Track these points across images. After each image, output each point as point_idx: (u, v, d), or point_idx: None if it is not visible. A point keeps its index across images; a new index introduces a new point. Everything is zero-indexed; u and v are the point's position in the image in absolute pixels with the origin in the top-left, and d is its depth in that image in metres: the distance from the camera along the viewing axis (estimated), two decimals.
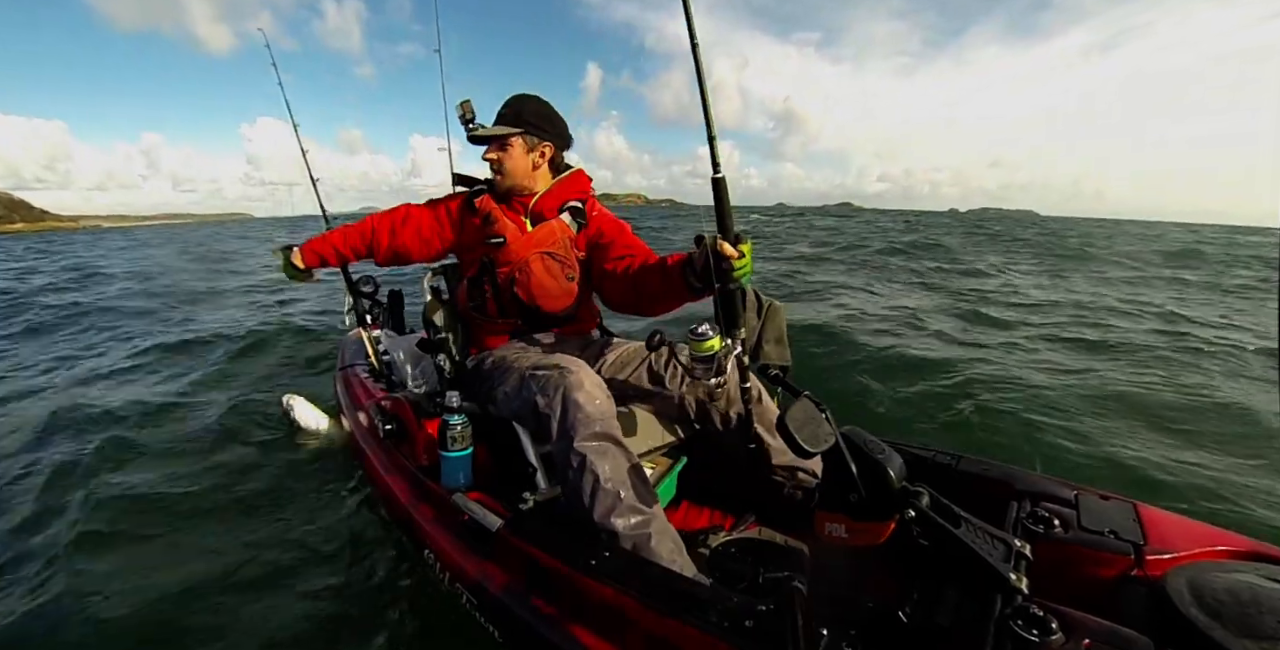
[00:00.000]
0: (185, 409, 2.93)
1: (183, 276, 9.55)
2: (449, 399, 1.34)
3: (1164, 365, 3.73)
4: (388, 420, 1.65)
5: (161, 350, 4.24)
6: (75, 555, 1.67)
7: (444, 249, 1.57)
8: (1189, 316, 5.50)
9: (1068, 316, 5.39)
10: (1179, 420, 2.78)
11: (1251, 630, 0.71)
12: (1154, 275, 9.17)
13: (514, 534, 1.16)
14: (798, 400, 0.96)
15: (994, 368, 3.48)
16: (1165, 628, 0.77)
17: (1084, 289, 7.41)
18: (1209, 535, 1.03)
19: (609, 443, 1.15)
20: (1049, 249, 13.16)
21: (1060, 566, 0.99)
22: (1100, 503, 1.14)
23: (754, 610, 0.85)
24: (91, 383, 3.51)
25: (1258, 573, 0.84)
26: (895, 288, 7.16)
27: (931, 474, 1.33)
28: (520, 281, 1.45)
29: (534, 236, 1.47)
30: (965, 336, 4.46)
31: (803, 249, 12.42)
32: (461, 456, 1.36)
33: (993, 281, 7.91)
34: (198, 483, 2.13)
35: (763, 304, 1.42)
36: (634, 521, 1.10)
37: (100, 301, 6.74)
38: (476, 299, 1.51)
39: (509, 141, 1.43)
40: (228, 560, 1.67)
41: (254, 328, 4.71)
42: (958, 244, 13.11)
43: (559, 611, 1.04)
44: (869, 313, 5.19)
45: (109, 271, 10.35)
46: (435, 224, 1.54)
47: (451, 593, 1.28)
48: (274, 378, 3.55)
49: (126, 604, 1.46)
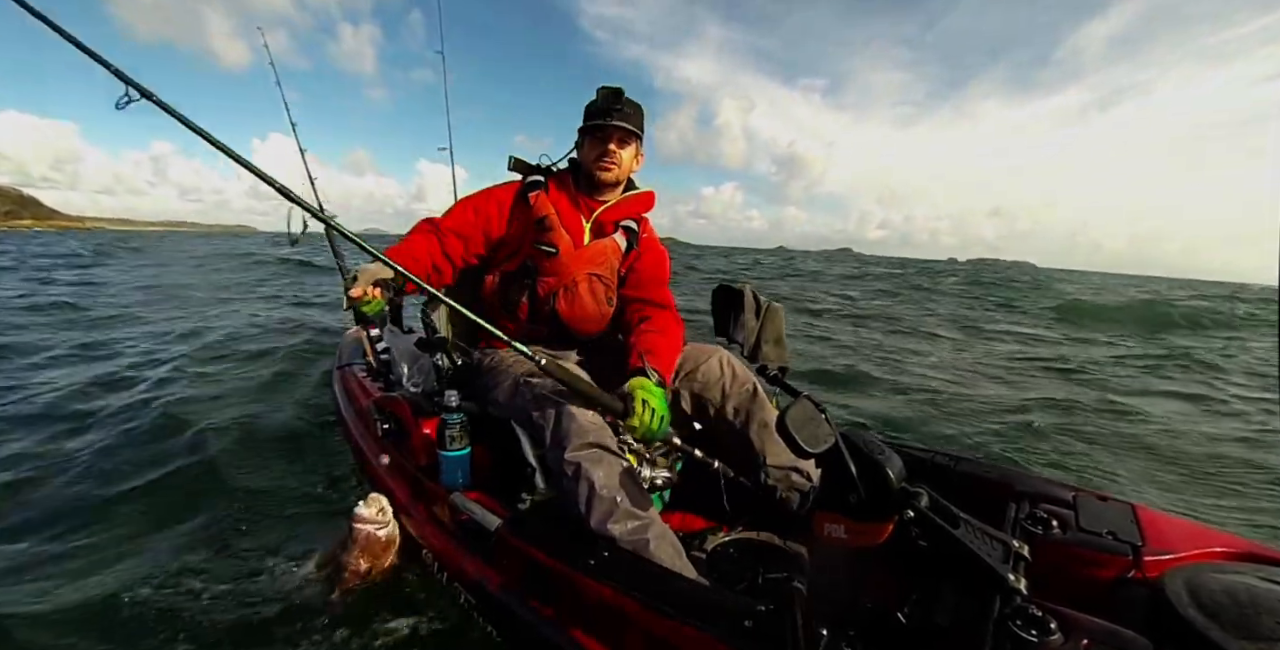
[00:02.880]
0: (185, 406, 2.92)
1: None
2: (447, 398, 1.33)
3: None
4: (386, 419, 1.64)
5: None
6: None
7: (485, 248, 1.44)
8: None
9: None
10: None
11: (1249, 631, 0.72)
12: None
13: (513, 533, 1.16)
14: (797, 401, 0.96)
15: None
16: (1163, 628, 0.78)
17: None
18: (1207, 536, 1.03)
19: (602, 451, 1.15)
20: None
21: (1059, 567, 0.99)
22: (1098, 504, 1.14)
23: (753, 610, 0.85)
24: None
25: (1255, 574, 0.85)
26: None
27: (931, 475, 1.33)
28: (564, 301, 1.40)
29: (587, 253, 1.41)
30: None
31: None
32: (460, 456, 1.35)
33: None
34: (197, 480, 2.13)
35: (761, 305, 1.42)
36: (631, 527, 1.09)
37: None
38: (509, 299, 1.43)
39: (632, 140, 1.38)
40: (224, 558, 1.66)
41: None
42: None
43: (558, 611, 1.04)
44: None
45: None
46: (482, 220, 1.41)
47: (450, 592, 1.28)
48: (273, 377, 3.54)
49: (116, 597, 1.46)
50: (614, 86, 1.33)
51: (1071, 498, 1.16)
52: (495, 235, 1.43)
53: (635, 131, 1.37)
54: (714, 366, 1.39)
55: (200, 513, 1.93)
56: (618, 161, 1.37)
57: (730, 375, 1.39)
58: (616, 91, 1.33)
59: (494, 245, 1.45)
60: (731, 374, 1.39)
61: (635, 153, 1.42)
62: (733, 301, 1.42)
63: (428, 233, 1.38)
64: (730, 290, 1.44)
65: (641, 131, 1.39)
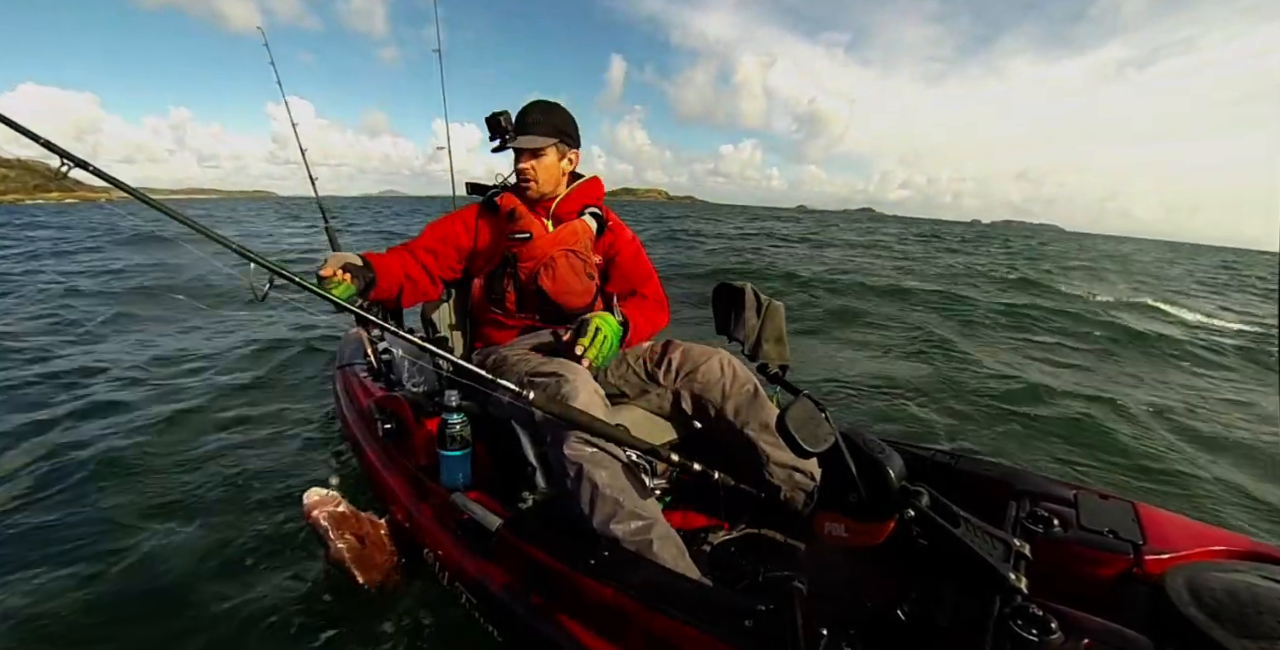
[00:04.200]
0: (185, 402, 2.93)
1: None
2: (448, 398, 1.33)
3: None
4: (386, 419, 1.64)
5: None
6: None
7: (459, 260, 1.54)
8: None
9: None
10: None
11: (1250, 630, 0.72)
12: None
13: (514, 533, 1.16)
14: (797, 399, 0.96)
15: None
16: (1164, 627, 0.77)
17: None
18: (1208, 535, 1.03)
19: (606, 451, 1.15)
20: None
21: (1059, 566, 0.99)
22: (1099, 502, 1.14)
23: (754, 610, 0.85)
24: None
25: (1256, 572, 0.84)
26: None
27: (931, 474, 1.33)
28: (545, 276, 1.47)
29: (559, 234, 1.50)
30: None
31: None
32: (461, 456, 1.35)
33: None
34: (195, 478, 2.13)
35: (762, 303, 1.42)
36: (635, 527, 1.09)
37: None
38: (495, 293, 1.51)
39: (544, 150, 1.44)
40: (224, 556, 1.66)
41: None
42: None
43: (558, 611, 1.04)
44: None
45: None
46: (452, 235, 1.52)
47: (451, 592, 1.28)
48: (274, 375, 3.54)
49: (121, 593, 1.47)
50: (502, 112, 1.40)
51: (1072, 496, 1.16)
52: (466, 246, 1.54)
53: (542, 145, 1.42)
54: (714, 367, 1.39)
55: (197, 508, 1.93)
56: (533, 177, 1.45)
57: (730, 376, 1.39)
58: (505, 114, 1.40)
59: (468, 256, 1.55)
60: (732, 375, 1.39)
61: (558, 156, 1.47)
62: (733, 300, 1.42)
63: (399, 250, 1.50)
64: (731, 288, 1.44)
65: (557, 132, 1.44)
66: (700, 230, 20.54)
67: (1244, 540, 1.01)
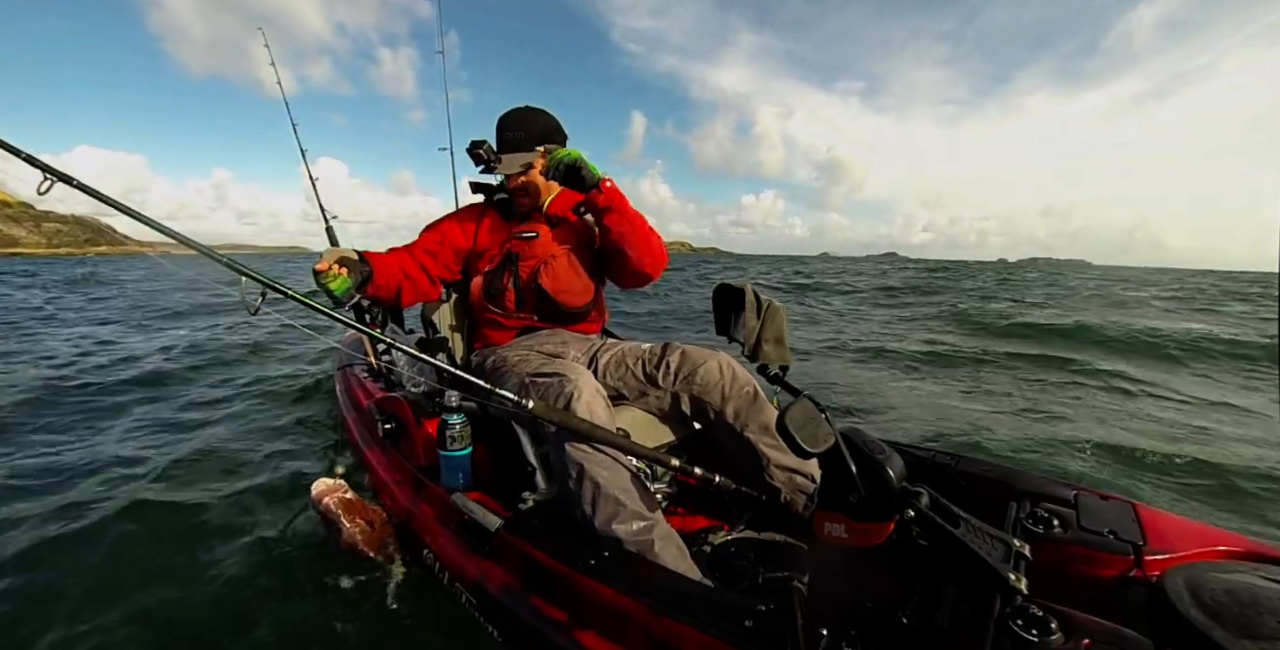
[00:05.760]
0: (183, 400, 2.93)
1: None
2: (448, 398, 1.33)
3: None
4: (387, 419, 1.65)
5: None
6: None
7: (456, 261, 1.56)
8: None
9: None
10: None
11: (1251, 631, 0.71)
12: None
13: (514, 534, 1.16)
14: (797, 400, 0.96)
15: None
16: (1164, 628, 0.77)
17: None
18: (1208, 535, 1.03)
19: (607, 452, 1.15)
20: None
21: (1059, 566, 0.99)
22: (1099, 503, 1.14)
23: (754, 610, 0.85)
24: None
25: (1257, 573, 0.84)
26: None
27: (931, 474, 1.33)
28: (546, 275, 1.48)
29: (563, 232, 1.53)
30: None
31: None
32: (461, 456, 1.35)
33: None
34: (195, 476, 2.13)
35: (762, 304, 1.42)
36: (636, 528, 1.09)
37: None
38: (494, 291, 1.51)
39: (530, 164, 1.45)
40: (224, 555, 1.66)
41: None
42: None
43: (558, 611, 1.03)
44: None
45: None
46: (450, 237, 1.54)
47: (451, 593, 1.28)
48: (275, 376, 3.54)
49: (141, 601, 1.47)
50: (481, 140, 1.41)
51: (1072, 497, 1.16)
52: (464, 247, 1.55)
53: (526, 158, 1.44)
54: (713, 369, 1.39)
55: (195, 505, 1.93)
56: (524, 190, 1.50)
57: (730, 378, 1.39)
58: (485, 144, 1.40)
59: (467, 256, 1.57)
60: (731, 376, 1.39)
61: (544, 166, 1.47)
62: (733, 300, 1.42)
63: (398, 250, 1.52)
64: (731, 289, 1.44)
65: (538, 140, 1.46)
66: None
67: (1244, 540, 1.01)
